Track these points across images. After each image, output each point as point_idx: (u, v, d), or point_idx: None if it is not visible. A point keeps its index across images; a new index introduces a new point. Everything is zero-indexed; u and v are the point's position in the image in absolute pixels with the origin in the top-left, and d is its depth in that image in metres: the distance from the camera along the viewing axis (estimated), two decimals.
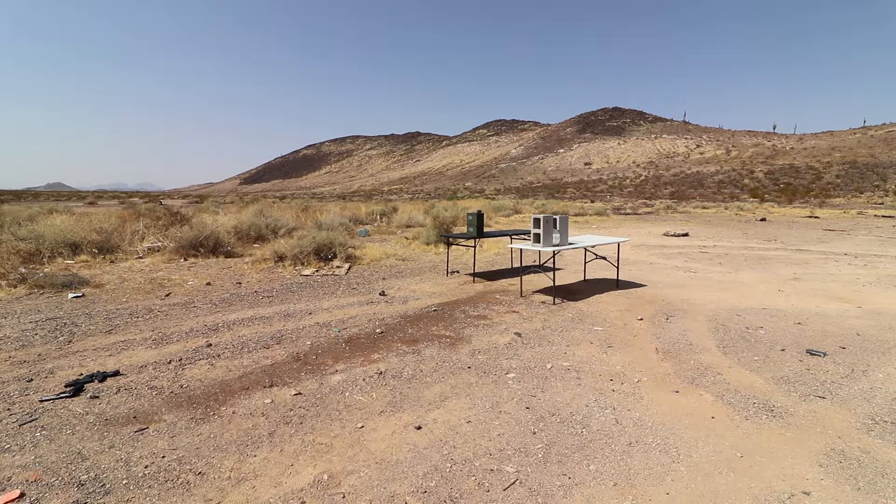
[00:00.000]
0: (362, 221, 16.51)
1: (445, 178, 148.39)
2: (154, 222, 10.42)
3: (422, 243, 10.56)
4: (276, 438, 2.48)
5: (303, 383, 3.16)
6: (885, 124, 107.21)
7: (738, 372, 3.41)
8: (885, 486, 2.10)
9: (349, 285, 6.41)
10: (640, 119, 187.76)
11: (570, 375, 3.32)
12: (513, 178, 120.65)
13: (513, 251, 8.89)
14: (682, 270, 7.82)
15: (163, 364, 3.48)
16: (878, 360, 3.65)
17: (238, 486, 2.08)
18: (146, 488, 2.06)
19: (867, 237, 13.60)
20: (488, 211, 20.99)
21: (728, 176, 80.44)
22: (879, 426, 2.63)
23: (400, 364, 3.52)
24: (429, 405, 2.86)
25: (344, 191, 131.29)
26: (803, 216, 24.12)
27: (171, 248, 8.50)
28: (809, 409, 2.83)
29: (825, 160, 78.81)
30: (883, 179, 62.88)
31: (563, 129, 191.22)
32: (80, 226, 9.02)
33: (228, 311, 5.01)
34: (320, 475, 2.16)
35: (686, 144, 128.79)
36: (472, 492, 2.05)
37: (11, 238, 7.66)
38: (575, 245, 5.84)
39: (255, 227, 10.75)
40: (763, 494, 2.04)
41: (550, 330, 4.42)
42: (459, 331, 4.38)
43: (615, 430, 2.58)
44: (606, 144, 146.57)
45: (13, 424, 2.58)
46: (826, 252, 10.20)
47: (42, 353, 3.70)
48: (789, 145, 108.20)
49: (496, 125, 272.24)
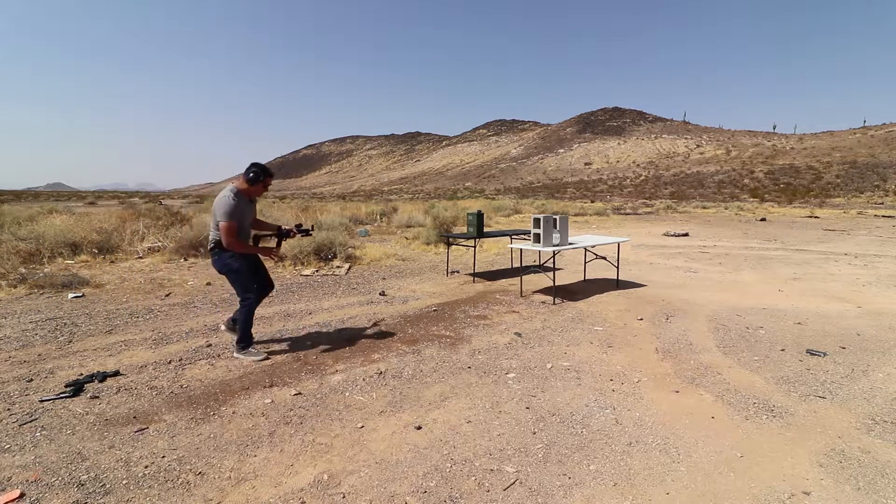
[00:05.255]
0: (362, 221, 16.51)
1: (445, 178, 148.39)
2: (154, 222, 10.42)
3: (422, 243, 10.56)
4: (276, 438, 2.48)
5: (303, 383, 3.16)
6: (885, 124, 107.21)
7: (738, 372, 3.41)
8: (885, 486, 2.10)
9: (349, 285, 6.41)
10: (640, 119, 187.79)
11: (570, 375, 3.32)
12: (513, 178, 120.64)
13: (513, 251, 8.89)
14: (682, 270, 7.82)
15: (163, 364, 3.48)
16: (879, 360, 3.65)
17: (238, 486, 2.08)
18: (146, 488, 2.06)
19: (867, 237, 13.60)
20: (488, 211, 20.98)
21: (728, 176, 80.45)
22: (879, 426, 2.63)
23: (400, 364, 3.53)
24: (429, 405, 2.86)
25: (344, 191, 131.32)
26: (803, 216, 24.13)
27: (172, 248, 8.50)
28: (809, 409, 2.83)
29: (825, 160, 78.82)
30: (883, 179, 62.89)
31: (563, 129, 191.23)
32: (80, 226, 9.02)
33: (228, 311, 5.00)
34: (320, 475, 2.16)
35: (686, 144, 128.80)
36: (472, 492, 2.05)
37: (11, 238, 7.66)
38: (575, 245, 5.84)
39: None
40: (763, 494, 2.04)
41: (550, 330, 4.42)
42: (459, 331, 4.38)
43: (615, 430, 2.58)
44: (606, 144, 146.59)
45: (13, 424, 2.58)
46: (826, 252, 10.20)
47: (42, 353, 3.70)
48: (789, 145, 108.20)
49: (496, 125, 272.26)
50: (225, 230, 3.24)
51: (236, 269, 3.38)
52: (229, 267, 3.39)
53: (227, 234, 3.25)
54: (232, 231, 3.26)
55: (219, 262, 3.42)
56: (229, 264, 3.38)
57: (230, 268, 3.39)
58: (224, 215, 3.23)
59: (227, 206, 3.24)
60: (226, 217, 3.23)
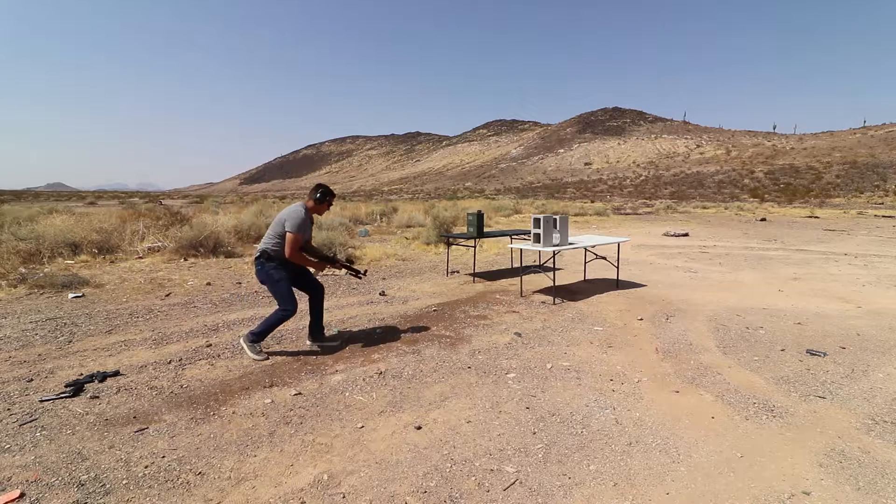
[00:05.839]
0: (362, 221, 16.51)
1: (445, 178, 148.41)
2: (154, 222, 10.41)
3: (422, 243, 10.56)
4: (276, 438, 2.48)
5: (303, 383, 3.16)
6: (885, 124, 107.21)
7: (738, 372, 3.41)
8: (885, 486, 2.10)
9: (349, 285, 6.41)
10: (640, 119, 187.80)
11: (570, 375, 3.32)
12: (513, 178, 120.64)
13: (513, 251, 8.89)
14: (682, 270, 7.82)
15: (163, 364, 3.48)
16: (879, 359, 3.65)
17: (238, 486, 2.08)
18: (146, 488, 2.06)
19: (867, 237, 13.60)
20: (488, 211, 20.98)
21: (728, 176, 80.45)
22: (879, 426, 2.63)
23: (400, 364, 3.53)
24: (429, 405, 2.86)
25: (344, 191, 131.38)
26: (803, 216, 24.13)
27: (172, 249, 8.50)
28: (809, 409, 2.83)
29: (825, 160, 78.82)
30: (883, 179, 62.89)
31: (563, 129, 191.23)
32: (80, 226, 9.02)
33: (228, 311, 5.01)
34: (320, 475, 2.16)
35: (686, 144, 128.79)
36: (472, 492, 2.05)
37: (11, 238, 7.66)
38: (575, 245, 5.84)
39: (256, 227, 10.76)
40: (763, 494, 2.04)
41: (550, 330, 4.42)
42: (459, 331, 4.38)
43: (615, 430, 2.58)
44: (606, 144, 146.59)
45: (13, 424, 2.58)
46: (826, 252, 10.20)
47: (42, 353, 3.70)
48: (789, 145, 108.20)
49: (496, 125, 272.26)
50: (291, 241, 3.41)
51: (277, 279, 3.51)
52: (271, 277, 3.51)
53: (291, 245, 3.42)
54: (298, 243, 3.44)
55: (262, 271, 3.54)
56: (272, 275, 3.51)
57: (272, 278, 3.51)
58: (294, 227, 3.41)
59: (298, 218, 3.44)
60: (295, 228, 3.41)
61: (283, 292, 3.52)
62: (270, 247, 3.50)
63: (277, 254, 3.50)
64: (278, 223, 3.50)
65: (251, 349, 3.58)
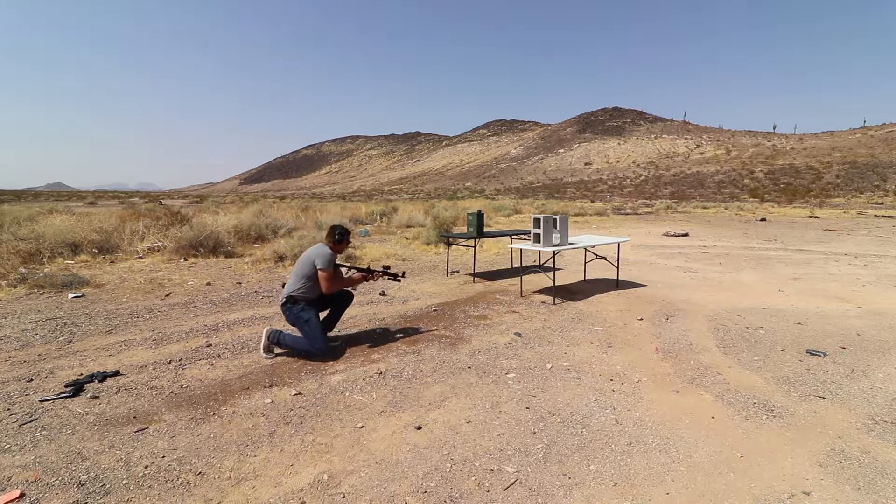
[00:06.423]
0: (362, 221, 16.50)
1: (445, 178, 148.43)
2: (154, 222, 10.42)
3: (422, 243, 10.56)
4: (276, 438, 2.48)
5: (303, 383, 3.17)
6: (885, 124, 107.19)
7: (738, 372, 3.41)
8: (885, 486, 2.10)
9: None
10: (640, 119, 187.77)
11: (570, 375, 3.32)
12: (513, 178, 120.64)
13: (513, 251, 8.89)
14: (682, 270, 7.82)
15: (163, 364, 3.48)
16: (879, 359, 3.65)
17: (238, 486, 2.08)
18: (146, 488, 2.06)
19: (867, 237, 13.60)
20: (488, 211, 20.98)
21: (728, 176, 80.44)
22: (879, 426, 2.63)
23: (400, 364, 3.53)
24: (429, 405, 2.86)
25: (344, 191, 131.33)
26: (803, 216, 24.12)
27: (171, 248, 8.50)
28: (809, 409, 2.83)
29: (825, 160, 78.81)
30: (883, 179, 62.88)
31: (563, 129, 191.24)
32: (80, 226, 9.02)
33: (228, 311, 5.01)
34: (320, 475, 2.16)
35: (686, 144, 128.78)
36: (472, 492, 2.05)
37: (11, 238, 7.66)
38: (575, 245, 5.84)
39: (255, 227, 10.75)
40: (763, 494, 2.04)
41: (550, 330, 4.42)
42: (459, 331, 4.38)
43: (615, 430, 2.58)
44: (606, 144, 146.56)
45: (13, 424, 2.58)
46: (826, 252, 10.20)
47: (42, 353, 3.70)
48: (789, 145, 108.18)
49: (496, 125, 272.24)
50: (326, 277, 3.67)
51: (306, 319, 3.65)
52: (300, 319, 3.66)
53: (327, 280, 3.68)
54: (332, 276, 3.71)
55: (290, 315, 3.70)
56: (300, 316, 3.65)
57: (301, 319, 3.66)
58: (325, 264, 3.66)
59: (327, 256, 3.69)
60: (327, 265, 3.66)
61: (314, 333, 3.63)
62: (296, 291, 3.66)
63: (304, 296, 3.67)
64: (306, 264, 3.70)
65: (266, 348, 3.68)
